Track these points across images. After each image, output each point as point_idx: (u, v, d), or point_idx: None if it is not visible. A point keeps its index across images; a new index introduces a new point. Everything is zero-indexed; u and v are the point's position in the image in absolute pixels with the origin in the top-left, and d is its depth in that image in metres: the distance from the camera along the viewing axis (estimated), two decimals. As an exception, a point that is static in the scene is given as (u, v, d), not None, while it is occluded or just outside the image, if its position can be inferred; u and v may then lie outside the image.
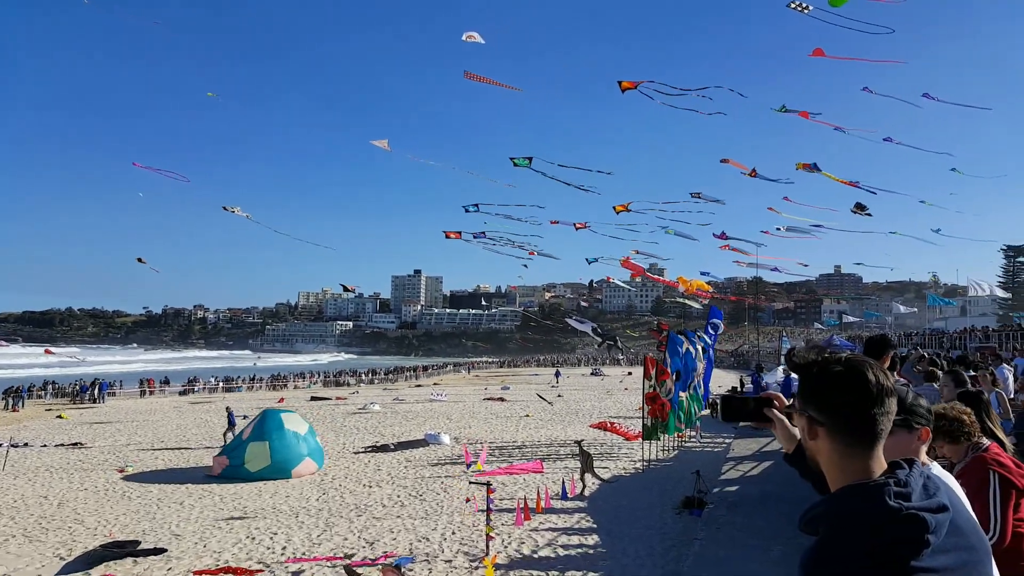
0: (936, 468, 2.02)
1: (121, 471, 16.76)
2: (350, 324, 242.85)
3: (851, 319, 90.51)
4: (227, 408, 22.88)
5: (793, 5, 14.97)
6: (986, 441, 4.01)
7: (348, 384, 62.71)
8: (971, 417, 3.91)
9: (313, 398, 42.59)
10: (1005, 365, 12.73)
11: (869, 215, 22.56)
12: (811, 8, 14.99)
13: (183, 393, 51.86)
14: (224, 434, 20.66)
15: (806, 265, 60.19)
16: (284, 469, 15.48)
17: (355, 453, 19.13)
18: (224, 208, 26.84)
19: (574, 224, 27.96)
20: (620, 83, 18.09)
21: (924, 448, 2.07)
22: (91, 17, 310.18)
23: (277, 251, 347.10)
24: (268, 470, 15.35)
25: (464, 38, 18.62)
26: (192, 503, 13.15)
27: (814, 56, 17.33)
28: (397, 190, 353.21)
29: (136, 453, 19.60)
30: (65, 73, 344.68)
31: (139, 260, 38.66)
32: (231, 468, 15.53)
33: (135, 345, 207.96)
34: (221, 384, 57.48)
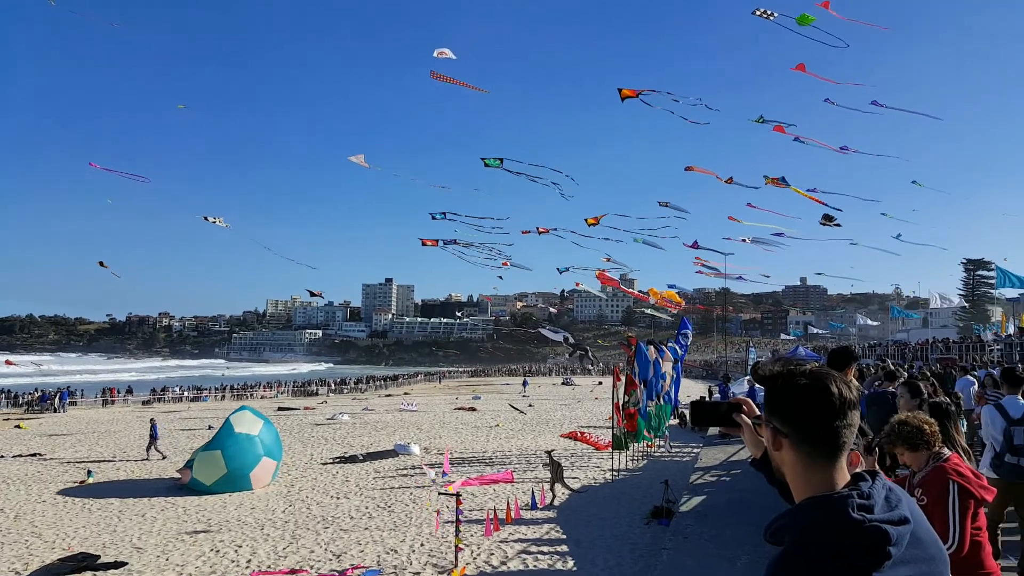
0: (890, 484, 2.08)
1: (81, 483, 16.36)
2: (319, 333, 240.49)
3: (816, 330, 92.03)
4: (151, 420, 21.78)
5: (758, 12, 15.02)
6: (947, 451, 4.11)
7: (317, 393, 62.03)
8: (932, 427, 3.99)
9: (280, 408, 41.99)
10: (969, 376, 12.99)
11: (838, 225, 22.86)
12: (776, 15, 15.02)
13: (147, 403, 50.82)
14: (147, 449, 20.16)
15: (768, 277, 61.17)
16: (241, 476, 15.00)
17: (323, 464, 18.90)
18: (205, 218, 26.28)
19: (537, 228, 27.98)
20: (620, 91, 17.62)
21: (856, 470, 2.14)
22: (52, 17, 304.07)
23: (245, 258, 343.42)
24: (225, 480, 14.86)
25: (436, 54, 18.49)
26: (155, 516, 12.88)
27: (796, 70, 17.45)
28: (368, 196, 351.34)
29: (97, 464, 19.14)
30: (25, 74, 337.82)
31: (100, 264, 37.24)
32: (193, 480, 15.21)
33: (99, 354, 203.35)
34: (187, 394, 56.50)
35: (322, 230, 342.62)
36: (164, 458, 19.65)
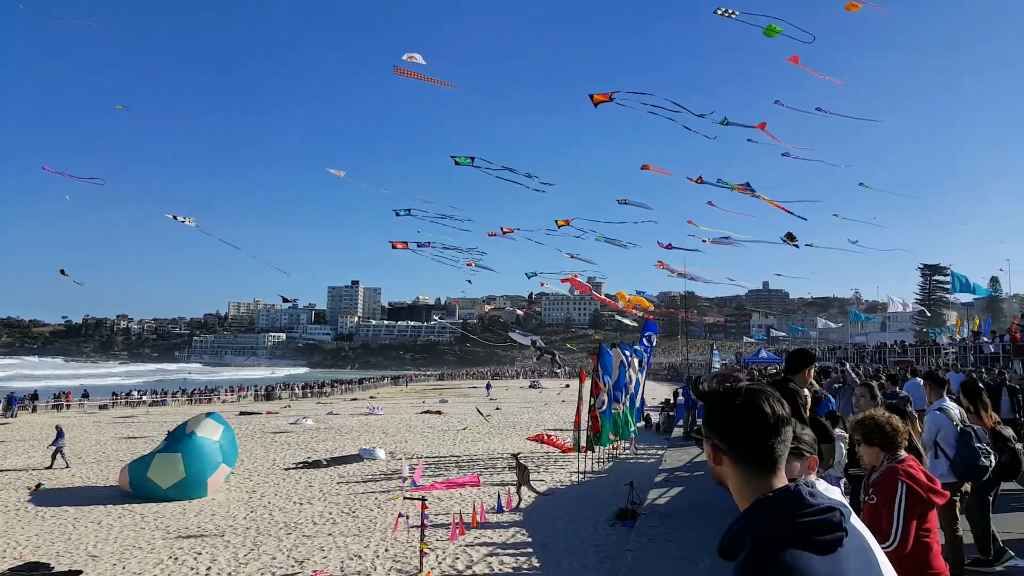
0: (822, 484, 2.14)
1: (34, 489, 15.86)
2: (283, 336, 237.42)
3: (778, 333, 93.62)
4: (57, 426, 20.86)
5: (719, 11, 15.07)
6: (903, 453, 4.21)
7: (280, 398, 61.17)
8: (893, 427, 4.07)
9: (242, 413, 41.32)
10: (918, 378, 13.33)
11: (796, 246, 23.25)
12: (738, 13, 15.06)
13: (104, 407, 49.57)
14: (53, 455, 19.37)
15: (732, 280, 62.04)
16: (199, 482, 14.76)
17: (285, 469, 18.63)
18: (173, 217, 25.09)
19: (501, 228, 27.87)
20: (592, 96, 17.50)
21: (812, 476, 2.19)
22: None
23: (207, 259, 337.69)
24: (182, 484, 14.56)
25: (405, 58, 18.27)
26: (111, 523, 12.55)
27: (790, 61, 17.34)
28: (335, 198, 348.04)
29: (51, 471, 18.59)
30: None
31: (61, 272, 35.68)
32: (138, 483, 14.77)
33: (56, 357, 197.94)
34: (146, 398, 55.29)
35: (287, 231, 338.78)
36: (68, 467, 18.97)
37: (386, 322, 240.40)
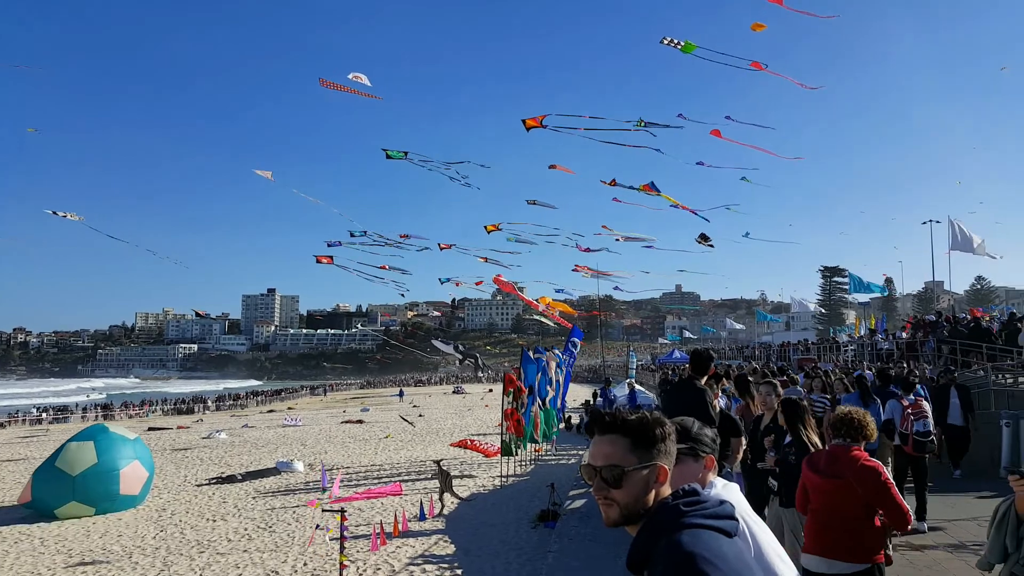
0: (720, 483, 2.26)
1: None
2: (195, 347, 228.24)
3: (690, 335, 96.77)
4: None
5: (665, 41, 15.41)
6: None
7: (192, 411, 58.79)
8: (860, 421, 4.37)
9: (151, 428, 39.46)
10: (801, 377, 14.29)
11: (711, 247, 23.99)
12: (683, 43, 15.44)
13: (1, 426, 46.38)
14: None
15: (647, 272, 63.54)
16: (112, 471, 14.32)
17: (198, 486, 17.92)
18: (54, 213, 23.19)
19: (439, 244, 27.59)
20: (524, 121, 17.40)
21: (711, 475, 2.29)
22: None
23: (111, 269, 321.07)
24: (93, 471, 14.11)
25: (351, 77, 17.79)
26: (6, 549, 11.74)
27: (752, 67, 17.59)
28: (250, 203, 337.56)
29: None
30: None
31: None
32: (41, 484, 14.13)
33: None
34: (45, 415, 52.07)
35: (199, 238, 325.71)
36: None
37: (305, 331, 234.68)
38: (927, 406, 9.60)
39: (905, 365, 18.34)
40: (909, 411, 9.30)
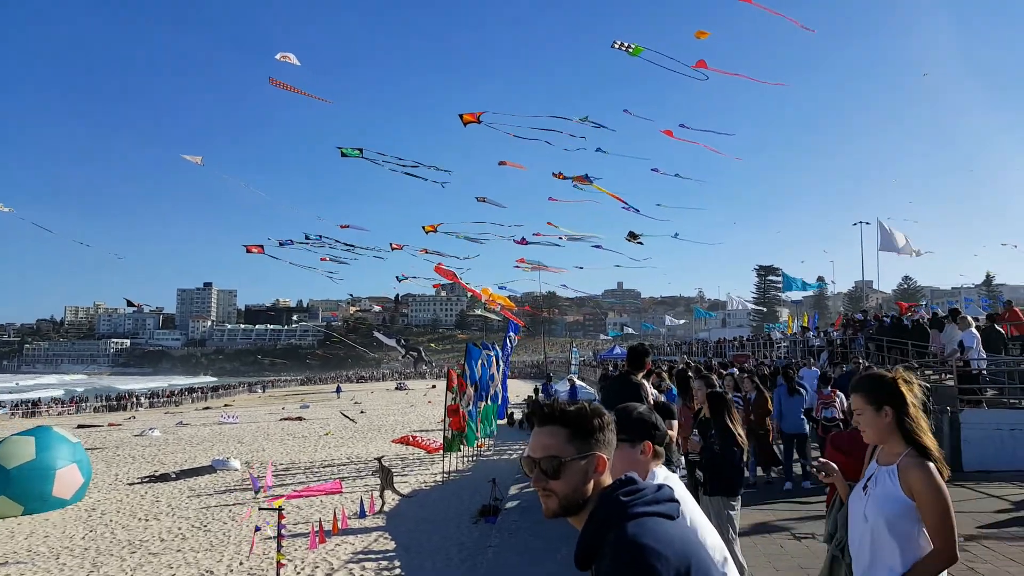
0: (662, 472, 2.35)
1: None
2: (127, 342, 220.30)
3: (631, 331, 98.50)
4: None
5: (616, 45, 15.53)
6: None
7: (124, 408, 56.79)
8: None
9: (80, 426, 37.97)
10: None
11: (641, 243, 24.50)
12: (634, 47, 15.59)
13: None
14: None
15: (581, 267, 64.18)
16: (48, 468, 14.04)
17: (129, 484, 17.38)
18: None
19: (390, 244, 27.27)
20: (461, 116, 17.39)
21: (653, 464, 2.34)
22: None
23: (40, 260, 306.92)
24: (31, 467, 13.81)
25: (278, 58, 17.49)
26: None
27: (697, 67, 17.73)
28: (185, 195, 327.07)
29: None
30: None
31: None
32: None
33: None
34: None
35: (131, 231, 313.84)
36: None
37: (243, 326, 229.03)
38: (840, 397, 10.49)
39: (862, 362, 19.19)
40: (819, 401, 10.86)
